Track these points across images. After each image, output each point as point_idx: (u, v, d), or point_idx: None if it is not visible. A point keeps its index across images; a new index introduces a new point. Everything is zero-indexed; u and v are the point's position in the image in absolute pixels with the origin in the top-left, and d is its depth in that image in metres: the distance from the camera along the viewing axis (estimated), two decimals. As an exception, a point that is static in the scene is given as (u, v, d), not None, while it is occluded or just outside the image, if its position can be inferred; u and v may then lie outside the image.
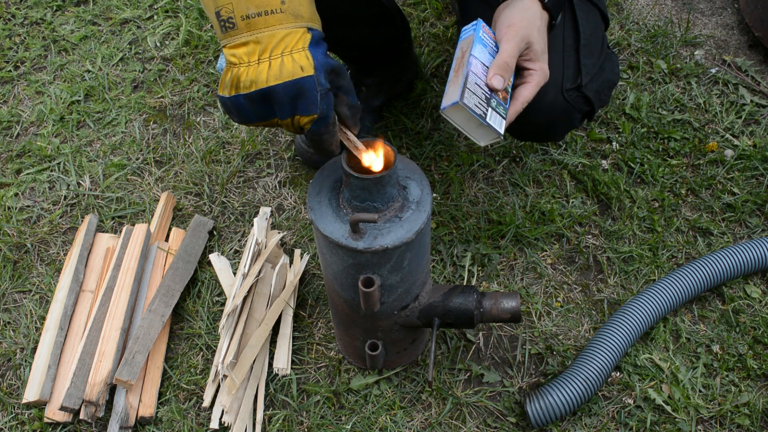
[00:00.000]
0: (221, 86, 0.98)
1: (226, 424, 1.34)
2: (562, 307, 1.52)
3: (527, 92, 1.12)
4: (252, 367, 1.39)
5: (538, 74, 1.12)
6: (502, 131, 1.08)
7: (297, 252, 1.57)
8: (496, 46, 1.13)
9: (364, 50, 1.63)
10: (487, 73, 1.09)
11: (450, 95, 1.07)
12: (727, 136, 1.79)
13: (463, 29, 1.17)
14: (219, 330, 1.43)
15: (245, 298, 1.46)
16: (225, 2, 0.94)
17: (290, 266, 1.55)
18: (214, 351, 1.45)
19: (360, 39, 1.54)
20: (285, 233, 1.62)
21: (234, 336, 1.40)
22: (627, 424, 1.36)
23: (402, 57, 1.76)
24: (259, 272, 1.48)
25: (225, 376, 1.36)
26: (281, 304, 1.45)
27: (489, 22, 1.18)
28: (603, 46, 1.35)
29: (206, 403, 1.36)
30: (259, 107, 0.97)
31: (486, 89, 1.08)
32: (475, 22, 1.15)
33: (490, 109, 1.08)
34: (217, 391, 1.38)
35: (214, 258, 1.56)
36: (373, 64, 1.70)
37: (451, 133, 1.79)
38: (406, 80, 1.81)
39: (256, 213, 1.66)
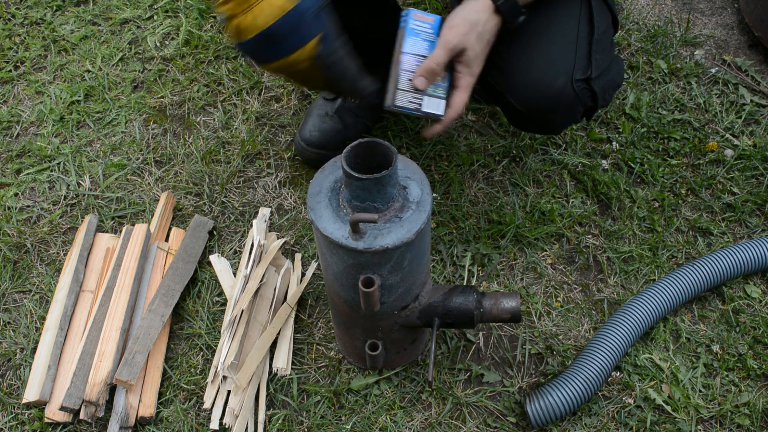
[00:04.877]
0: (229, 37, 1.11)
1: (227, 425, 1.34)
2: (562, 307, 1.52)
3: (459, 99, 1.23)
4: (254, 370, 1.39)
5: (467, 78, 1.22)
6: (441, 112, 1.22)
7: (297, 256, 1.57)
8: (436, 32, 1.22)
9: (371, 44, 1.63)
10: (416, 71, 1.19)
11: (388, 95, 1.21)
12: (727, 136, 1.80)
13: (401, 14, 1.25)
14: (222, 331, 1.43)
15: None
16: None
17: (293, 270, 1.55)
18: (214, 351, 1.45)
19: (367, 31, 1.54)
20: (286, 238, 1.62)
21: (235, 337, 1.40)
22: (627, 424, 1.36)
23: None
24: (263, 277, 1.47)
25: (225, 377, 1.36)
26: (287, 310, 1.46)
27: None
28: (612, 47, 1.37)
29: (207, 405, 1.36)
30: (268, 48, 1.09)
31: None
32: (404, 13, 1.23)
33: (425, 97, 1.20)
34: (217, 392, 1.38)
35: (215, 259, 1.56)
36: (377, 62, 1.71)
37: (451, 133, 1.79)
38: None
39: (256, 213, 1.66)
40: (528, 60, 1.29)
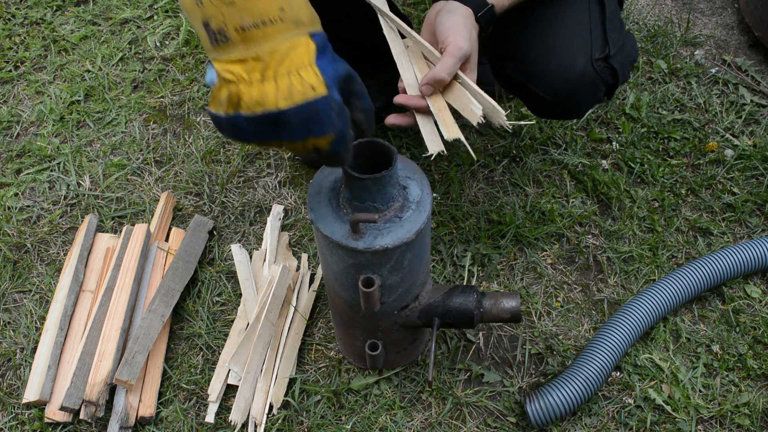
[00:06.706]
0: (214, 102, 0.88)
1: (231, 423, 1.34)
2: (562, 307, 1.52)
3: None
4: (262, 368, 1.40)
5: (470, 77, 1.17)
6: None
7: (304, 257, 1.57)
8: None
9: (366, 50, 1.63)
10: (421, 79, 1.14)
11: None
12: (727, 136, 1.80)
13: None
14: (233, 327, 1.43)
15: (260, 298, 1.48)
16: (213, 11, 0.82)
17: (297, 269, 1.55)
18: (214, 351, 1.45)
19: (360, 38, 1.54)
20: (292, 234, 1.62)
21: (247, 335, 1.40)
22: (627, 424, 1.36)
23: None
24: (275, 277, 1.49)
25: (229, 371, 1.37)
26: (303, 322, 1.47)
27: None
28: (622, 24, 1.40)
29: (212, 398, 1.36)
30: (262, 129, 0.88)
31: None
32: None
33: None
34: (222, 388, 1.38)
35: (236, 249, 1.55)
36: (375, 66, 1.70)
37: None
38: None
39: (257, 213, 1.66)
40: (546, 47, 1.31)
